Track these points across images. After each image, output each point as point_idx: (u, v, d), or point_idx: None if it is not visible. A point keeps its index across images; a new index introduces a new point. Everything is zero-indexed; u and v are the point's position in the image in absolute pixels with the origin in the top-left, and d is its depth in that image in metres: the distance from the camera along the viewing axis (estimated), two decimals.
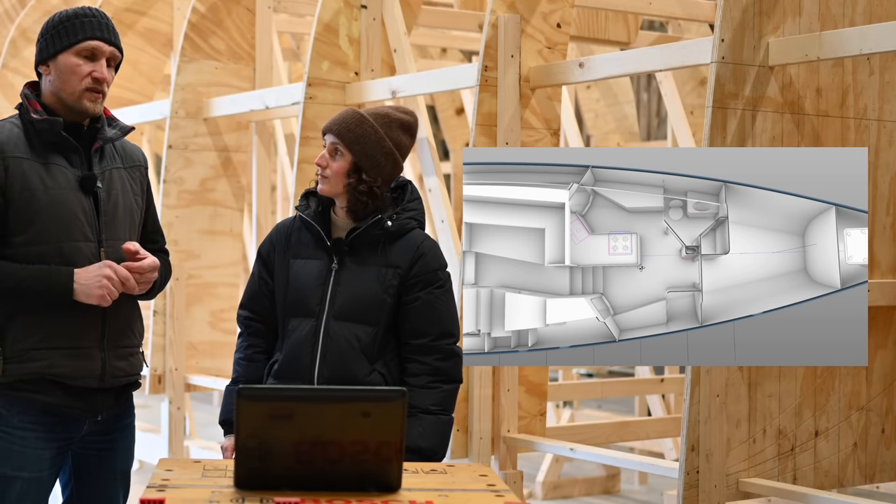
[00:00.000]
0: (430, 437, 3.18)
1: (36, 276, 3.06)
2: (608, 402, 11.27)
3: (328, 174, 3.22)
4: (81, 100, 3.13)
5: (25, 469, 3.11)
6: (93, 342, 3.14)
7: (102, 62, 3.15)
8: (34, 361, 3.09)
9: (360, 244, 3.22)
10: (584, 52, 8.44)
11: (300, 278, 3.24)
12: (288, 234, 3.32)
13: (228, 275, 6.83)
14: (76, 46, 3.13)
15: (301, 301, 3.23)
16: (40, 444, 3.12)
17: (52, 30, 3.16)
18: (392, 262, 3.20)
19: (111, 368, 3.17)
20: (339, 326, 3.19)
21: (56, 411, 3.13)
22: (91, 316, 3.13)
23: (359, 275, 3.20)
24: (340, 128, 3.22)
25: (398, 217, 3.23)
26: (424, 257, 3.22)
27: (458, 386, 3.27)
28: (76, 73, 3.13)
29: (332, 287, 3.21)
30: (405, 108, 3.36)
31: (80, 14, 3.16)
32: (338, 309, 3.19)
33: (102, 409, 3.19)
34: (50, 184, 3.09)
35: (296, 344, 3.22)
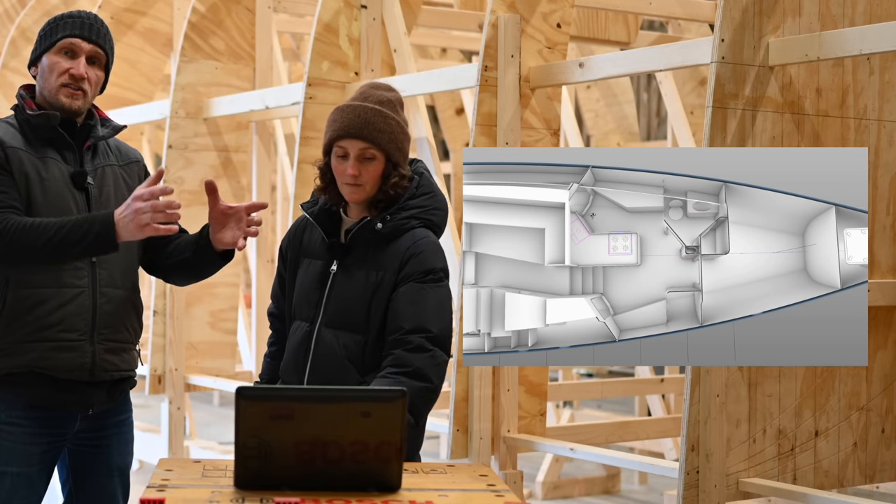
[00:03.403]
0: None
1: (74, 224, 3.01)
2: (608, 402, 11.27)
3: (363, 181, 3.05)
4: (58, 95, 3.16)
5: (14, 464, 3.11)
6: (82, 335, 3.14)
7: (81, 60, 3.17)
8: (23, 354, 3.09)
9: (358, 245, 3.09)
10: (584, 52, 8.44)
11: (303, 279, 3.15)
12: (301, 232, 3.21)
13: (228, 275, 6.83)
14: (56, 45, 3.19)
15: (301, 304, 3.14)
16: (28, 438, 3.13)
17: (41, 32, 3.24)
18: (382, 266, 3.05)
19: (101, 362, 3.16)
20: (329, 334, 3.07)
21: (46, 405, 3.13)
22: (80, 308, 3.13)
23: (350, 279, 3.07)
24: (371, 131, 3.03)
25: (392, 217, 3.07)
26: (416, 257, 3.05)
27: (425, 388, 2.95)
28: (54, 70, 3.17)
29: (328, 291, 3.10)
30: (383, 83, 3.20)
31: (65, 16, 3.22)
32: (329, 315, 3.07)
33: (93, 404, 3.19)
34: (46, 176, 3.12)
35: (292, 349, 3.15)
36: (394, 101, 3.14)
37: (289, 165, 8.17)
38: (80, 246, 3.01)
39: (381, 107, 3.09)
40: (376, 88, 3.15)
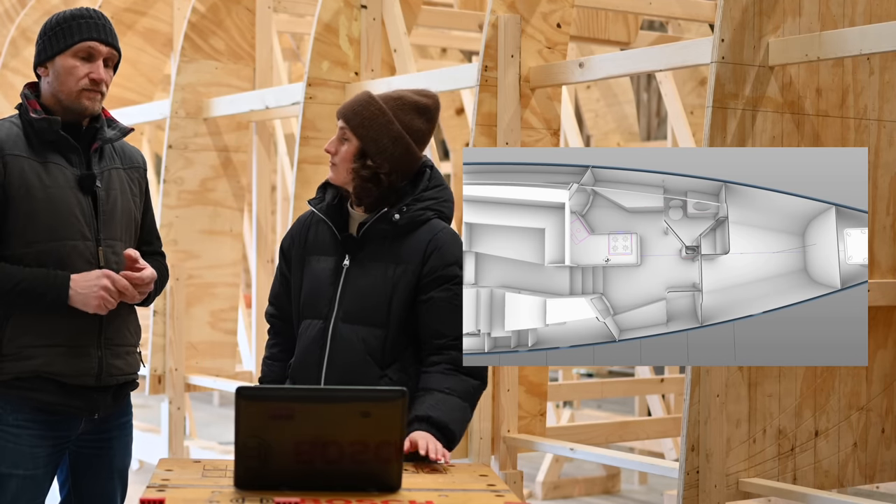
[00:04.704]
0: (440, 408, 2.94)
1: (33, 279, 3.06)
2: (608, 402, 11.27)
3: (336, 160, 3.07)
4: (80, 99, 3.14)
5: (20, 467, 3.11)
6: (89, 340, 3.14)
7: (100, 63, 3.15)
8: (31, 359, 3.09)
9: (371, 239, 3.06)
10: (584, 52, 8.44)
11: (313, 277, 3.11)
12: (307, 229, 3.18)
13: (228, 275, 6.83)
14: (73, 48, 3.14)
15: (312, 301, 3.10)
16: (35, 441, 3.13)
17: (50, 31, 3.17)
18: (402, 259, 3.03)
19: (108, 367, 3.17)
20: (347, 329, 3.04)
21: (53, 409, 3.13)
22: (88, 314, 3.13)
23: (366, 273, 3.04)
24: (347, 111, 3.07)
25: (409, 209, 3.05)
26: (439, 251, 3.05)
27: (481, 385, 3.06)
28: (73, 74, 3.14)
29: (341, 286, 3.06)
30: (426, 90, 3.17)
31: (77, 15, 3.16)
32: (345, 310, 3.04)
33: (100, 408, 3.19)
34: (48, 182, 3.10)
35: (305, 347, 3.09)
36: (405, 101, 3.09)
37: (289, 165, 8.17)
38: (31, 304, 3.08)
39: (382, 98, 3.08)
40: (413, 90, 3.15)
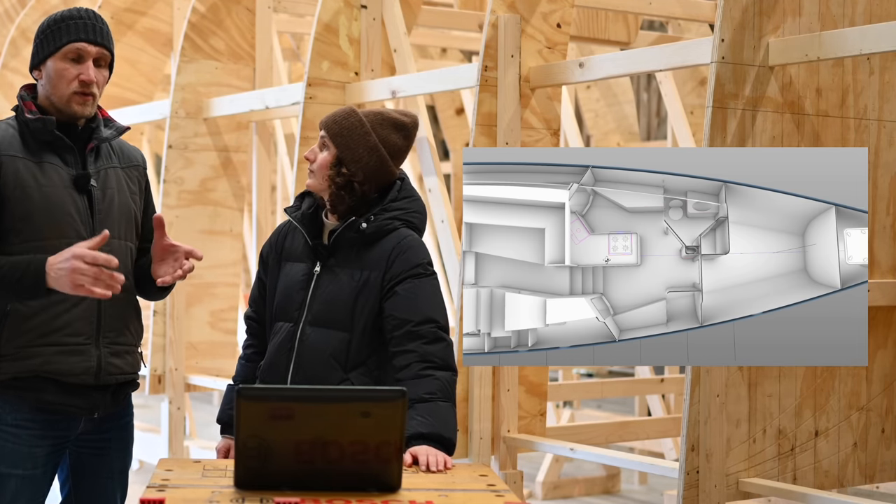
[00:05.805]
0: (429, 422, 2.95)
1: (11, 266, 3.05)
2: (608, 402, 11.27)
3: (314, 168, 3.19)
4: (70, 103, 3.14)
5: (19, 467, 3.11)
6: (87, 339, 3.14)
7: (89, 63, 3.15)
8: (29, 359, 3.09)
9: (340, 247, 3.16)
10: (584, 52, 8.44)
11: (287, 282, 3.21)
12: (284, 237, 3.29)
13: (228, 275, 6.83)
14: (62, 50, 3.14)
15: (284, 305, 3.20)
16: (34, 441, 3.13)
17: (41, 35, 3.18)
18: (368, 265, 3.12)
19: (107, 365, 3.17)
20: (313, 332, 3.13)
21: (53, 409, 3.13)
22: (85, 312, 3.13)
23: (335, 279, 3.14)
24: (328, 120, 3.20)
25: (376, 218, 3.14)
26: (403, 255, 3.11)
27: (452, 375, 3.05)
28: (63, 77, 3.13)
29: (311, 292, 3.15)
30: (408, 111, 3.30)
31: (66, 17, 3.16)
32: (314, 314, 3.13)
33: (99, 407, 3.19)
34: (43, 182, 3.10)
35: (275, 349, 3.19)
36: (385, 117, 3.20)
37: (289, 165, 8.17)
38: (12, 290, 3.04)
39: (364, 113, 3.20)
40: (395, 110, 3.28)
